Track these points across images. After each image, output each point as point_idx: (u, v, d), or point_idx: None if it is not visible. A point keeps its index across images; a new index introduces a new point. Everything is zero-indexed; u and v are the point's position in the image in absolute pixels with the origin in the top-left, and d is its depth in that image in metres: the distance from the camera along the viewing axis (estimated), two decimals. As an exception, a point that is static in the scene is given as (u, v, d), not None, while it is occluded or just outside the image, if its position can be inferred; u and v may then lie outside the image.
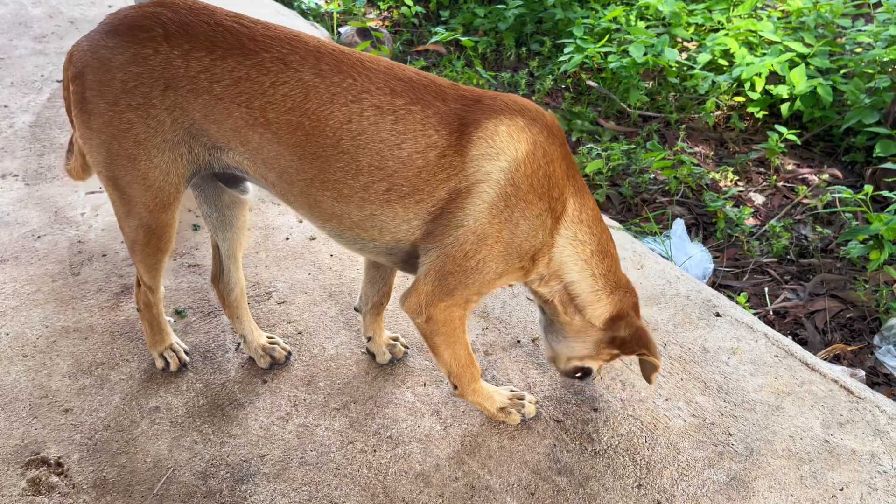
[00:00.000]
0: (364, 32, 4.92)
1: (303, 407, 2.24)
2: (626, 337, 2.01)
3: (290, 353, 2.41)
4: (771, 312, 3.02)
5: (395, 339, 2.42)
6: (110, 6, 5.46)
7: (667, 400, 2.26)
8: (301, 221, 3.06)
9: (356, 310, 2.39)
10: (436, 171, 1.76)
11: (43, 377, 2.30)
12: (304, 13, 5.50)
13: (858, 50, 4.74)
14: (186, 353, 2.39)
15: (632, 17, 5.03)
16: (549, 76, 4.76)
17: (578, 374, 2.19)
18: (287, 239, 2.96)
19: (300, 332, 2.51)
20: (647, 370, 2.08)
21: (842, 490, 1.99)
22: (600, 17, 4.92)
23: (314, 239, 2.95)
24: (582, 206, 1.89)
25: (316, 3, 5.73)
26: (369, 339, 2.37)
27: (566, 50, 4.61)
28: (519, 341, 2.49)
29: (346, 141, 1.75)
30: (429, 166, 1.76)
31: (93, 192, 3.20)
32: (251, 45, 1.76)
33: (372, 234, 1.88)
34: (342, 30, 5.17)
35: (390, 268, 2.21)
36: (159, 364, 2.34)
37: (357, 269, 2.80)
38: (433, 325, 1.92)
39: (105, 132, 1.83)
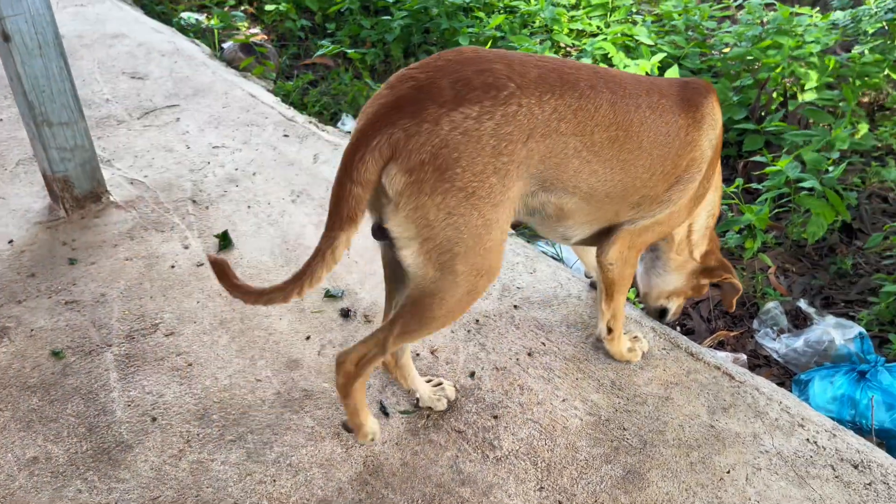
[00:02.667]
0: (247, 48, 4.81)
1: (196, 442, 2.15)
2: (714, 266, 2.42)
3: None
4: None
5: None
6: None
7: (563, 401, 2.31)
8: (187, 248, 2.94)
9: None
10: (684, 146, 2.10)
11: None
12: (183, 30, 5.31)
13: (726, 50, 5.03)
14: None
15: (515, 25, 5.15)
16: (439, 85, 4.80)
17: (660, 312, 2.62)
18: (173, 267, 2.85)
19: (190, 365, 2.42)
20: (729, 295, 2.49)
21: (728, 472, 2.09)
22: (485, 26, 5.00)
23: (201, 265, 2.85)
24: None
25: (196, 20, 5.56)
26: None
27: (453, 59, 4.65)
28: (418, 354, 2.48)
29: (645, 141, 2.01)
30: (682, 144, 2.10)
31: (-46, 231, 2.97)
32: (569, 77, 1.87)
33: (630, 214, 2.16)
34: (225, 45, 5.03)
35: None
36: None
37: (249, 294, 2.71)
38: (626, 267, 2.26)
39: (466, 204, 1.75)
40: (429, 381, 2.32)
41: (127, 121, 3.91)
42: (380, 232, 1.86)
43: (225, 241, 2.96)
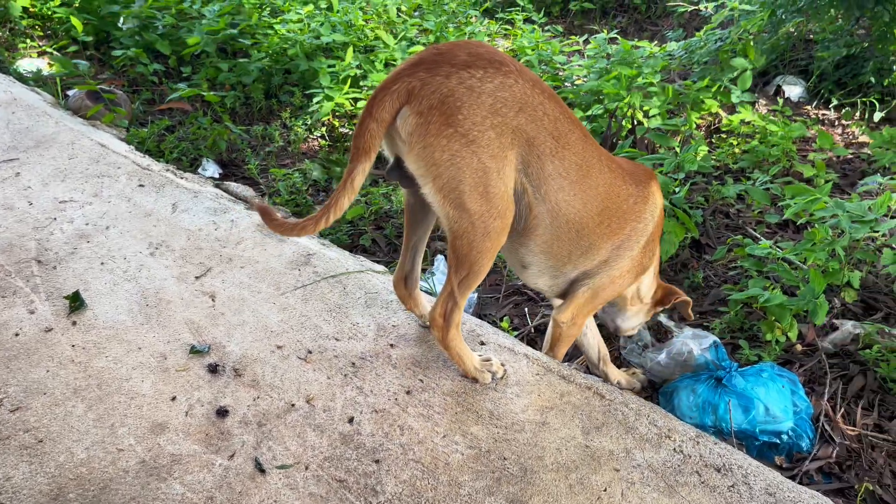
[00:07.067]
0: (95, 95, 4.56)
1: (50, 527, 1.97)
2: (663, 296, 2.77)
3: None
4: (533, 329, 3.23)
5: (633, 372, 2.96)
6: None
7: (444, 436, 2.31)
8: (33, 313, 2.72)
9: (594, 373, 2.88)
10: (629, 213, 2.44)
11: None
12: (22, 78, 4.98)
13: (579, 81, 5.32)
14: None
15: (377, 64, 5.20)
16: (303, 126, 4.76)
17: (631, 336, 2.99)
18: (17, 335, 2.61)
19: (41, 441, 2.21)
20: (684, 309, 2.80)
21: (605, 490, 2.15)
22: (345, 65, 5.02)
23: (51, 330, 2.64)
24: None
25: (38, 68, 5.22)
26: (619, 383, 2.82)
27: (315, 99, 4.63)
28: (293, 405, 2.40)
29: (601, 187, 2.34)
30: (629, 209, 2.43)
31: None
32: (557, 97, 2.24)
33: (577, 263, 2.47)
34: (70, 93, 4.75)
35: (592, 332, 2.85)
36: (486, 379, 2.51)
37: (105, 357, 2.54)
38: (574, 328, 2.60)
39: (467, 149, 2.09)
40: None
41: (-42, 178, 3.59)
42: (396, 172, 2.24)
43: (76, 301, 2.76)
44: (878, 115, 5.15)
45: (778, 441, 2.58)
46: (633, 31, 7.49)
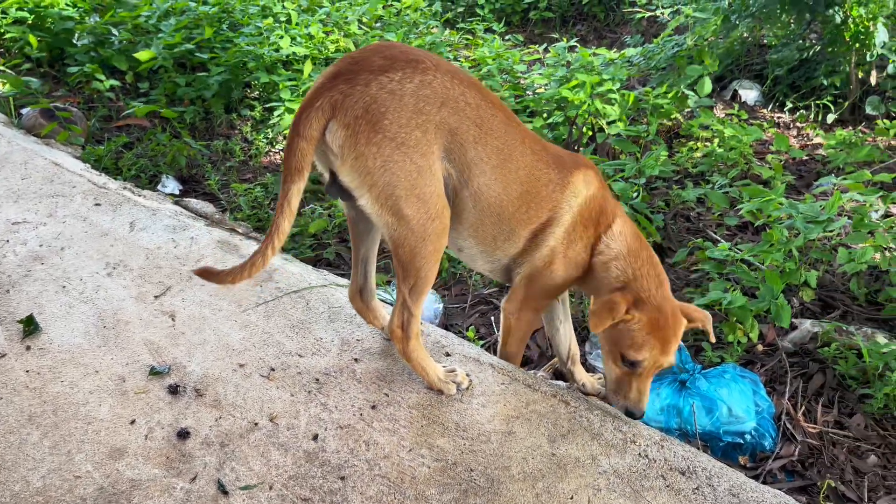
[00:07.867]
0: (49, 113, 4.47)
1: (4, 560, 1.91)
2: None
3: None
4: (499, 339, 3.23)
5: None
6: None
7: (410, 450, 2.29)
8: None
9: (561, 370, 2.83)
10: (547, 199, 2.38)
11: None
12: (-28, 97, 4.86)
13: (540, 90, 5.36)
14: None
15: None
16: (264, 140, 4.72)
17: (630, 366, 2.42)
18: (-32, 362, 2.54)
19: (-6, 471, 2.15)
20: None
21: (572, 498, 2.15)
22: (305, 78, 4.99)
23: (3, 356, 2.57)
24: (623, 224, 2.47)
25: (-12, 85, 5.11)
26: (584, 385, 2.77)
27: (276, 113, 4.60)
28: (257, 424, 2.37)
29: (521, 171, 2.32)
30: (547, 196, 2.38)
31: None
32: (476, 83, 2.27)
33: (503, 249, 2.45)
34: (23, 112, 4.65)
35: (565, 328, 2.78)
36: (451, 390, 2.49)
37: (61, 381, 2.48)
38: (521, 321, 2.55)
39: (398, 152, 2.10)
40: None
41: None
42: (335, 187, 2.22)
43: (30, 325, 2.69)
44: (831, 117, 5.27)
45: (741, 441, 2.61)
46: (593, 38, 7.58)
